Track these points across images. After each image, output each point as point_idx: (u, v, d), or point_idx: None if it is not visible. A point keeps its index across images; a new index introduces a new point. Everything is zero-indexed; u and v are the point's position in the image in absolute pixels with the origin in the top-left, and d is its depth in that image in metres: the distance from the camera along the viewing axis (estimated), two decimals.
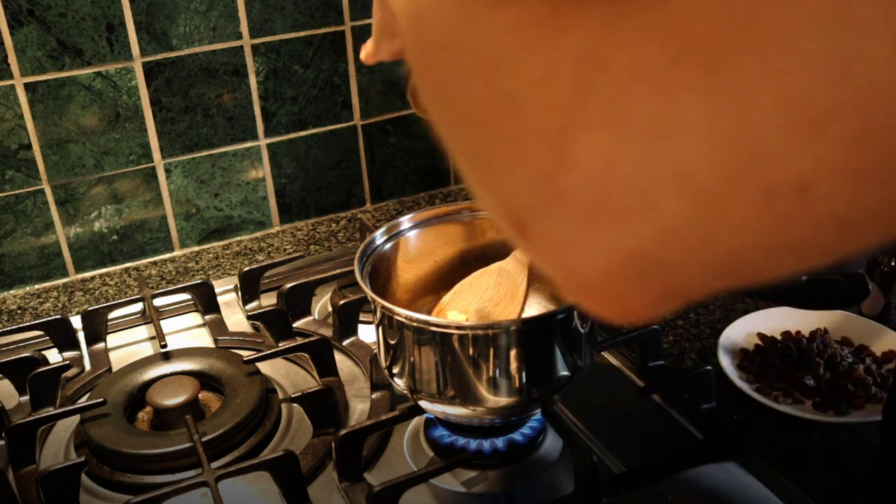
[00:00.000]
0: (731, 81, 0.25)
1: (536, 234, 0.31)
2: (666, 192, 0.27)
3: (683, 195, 0.27)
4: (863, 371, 0.81)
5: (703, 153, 0.26)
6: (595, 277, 0.30)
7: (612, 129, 0.27)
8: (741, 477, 0.74)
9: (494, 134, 0.32)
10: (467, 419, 0.74)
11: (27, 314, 1.07)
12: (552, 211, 0.29)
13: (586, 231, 0.29)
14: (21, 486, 0.77)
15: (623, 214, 0.28)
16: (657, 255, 0.28)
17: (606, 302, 0.31)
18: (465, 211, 0.83)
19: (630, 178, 0.27)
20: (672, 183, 0.27)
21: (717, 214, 0.27)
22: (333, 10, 1.16)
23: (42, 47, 1.02)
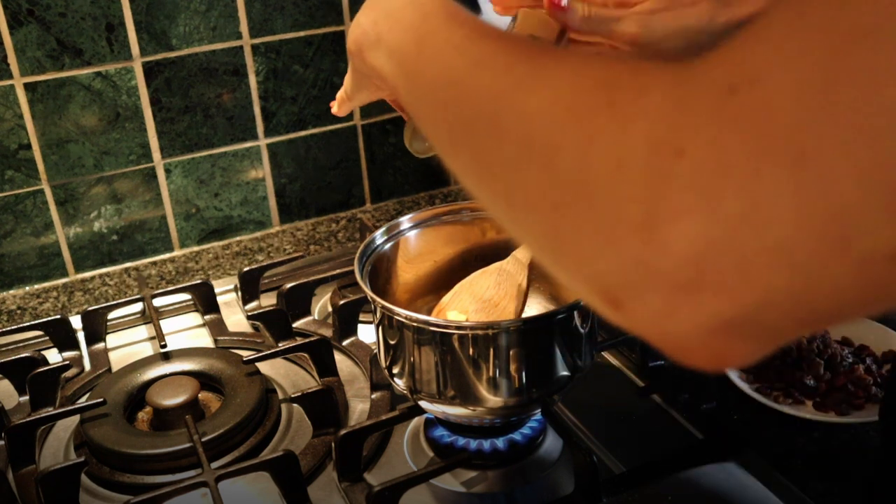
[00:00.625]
0: (819, 174, 0.27)
1: (631, 310, 0.33)
2: (760, 267, 0.29)
3: (778, 269, 0.28)
4: (863, 371, 0.81)
5: (795, 235, 0.28)
6: (693, 341, 0.32)
7: (702, 217, 0.29)
8: (741, 477, 0.74)
9: (572, 221, 0.34)
10: (467, 419, 0.74)
11: (27, 314, 1.07)
12: (647, 289, 0.31)
13: (683, 304, 0.31)
14: (21, 486, 0.77)
15: (718, 288, 0.30)
16: (754, 319, 0.30)
17: (705, 358, 0.33)
18: (465, 211, 0.83)
19: (723, 258, 0.29)
20: (766, 260, 0.28)
21: (811, 283, 0.29)
22: (333, 10, 1.16)
23: (42, 47, 1.02)
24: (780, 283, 0.29)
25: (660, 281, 0.31)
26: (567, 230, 0.34)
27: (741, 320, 0.30)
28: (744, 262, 0.29)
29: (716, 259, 0.29)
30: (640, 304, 0.32)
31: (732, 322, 0.30)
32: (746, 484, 0.73)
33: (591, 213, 0.33)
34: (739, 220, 0.28)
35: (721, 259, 0.29)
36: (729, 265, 0.29)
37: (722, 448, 0.76)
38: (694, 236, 0.29)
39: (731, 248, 0.29)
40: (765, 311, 0.30)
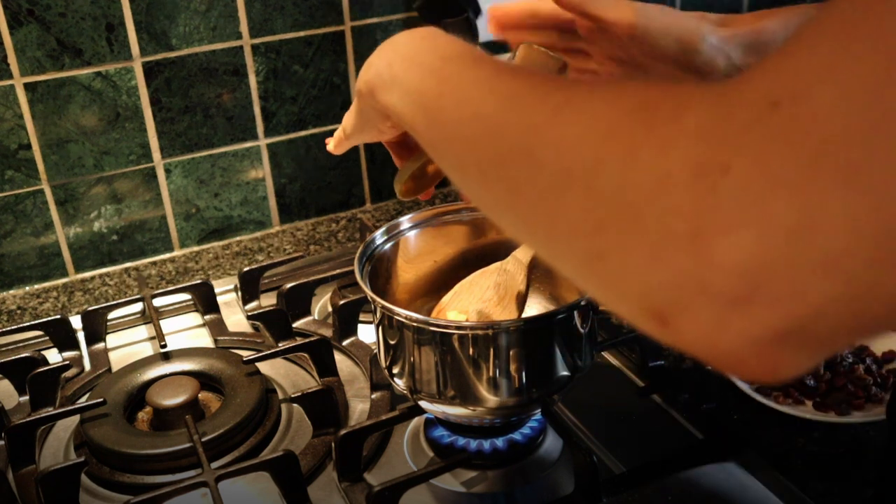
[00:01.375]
0: (869, 186, 0.27)
1: (680, 325, 0.33)
2: (813, 279, 0.29)
3: (830, 280, 0.29)
4: (863, 371, 0.81)
5: (848, 245, 0.28)
6: (745, 354, 0.32)
7: (754, 229, 0.29)
8: (741, 477, 0.74)
9: (619, 240, 0.34)
10: (467, 419, 0.74)
11: (27, 314, 1.07)
12: (697, 304, 0.31)
13: (735, 318, 0.31)
14: (21, 486, 0.77)
15: (772, 301, 0.30)
16: (807, 329, 0.30)
17: (757, 371, 0.33)
18: (465, 211, 0.83)
19: (776, 270, 0.29)
20: (818, 271, 0.29)
21: (864, 292, 0.29)
22: (333, 10, 1.16)
23: (42, 47, 1.02)
24: (834, 293, 0.29)
25: (710, 295, 0.31)
26: (612, 249, 0.34)
27: (794, 332, 0.30)
28: (797, 274, 0.29)
29: (768, 272, 0.29)
30: (689, 320, 0.32)
31: (785, 334, 0.30)
32: (746, 484, 0.73)
33: (636, 230, 0.33)
34: (792, 232, 0.29)
35: (774, 271, 0.29)
36: (782, 277, 0.29)
37: (722, 448, 0.76)
38: (745, 249, 0.29)
39: (784, 260, 0.29)
40: (818, 321, 0.30)
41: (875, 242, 0.28)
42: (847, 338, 0.33)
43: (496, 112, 0.42)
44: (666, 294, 0.32)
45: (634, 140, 0.33)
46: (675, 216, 0.31)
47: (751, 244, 0.29)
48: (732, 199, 0.30)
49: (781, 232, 0.29)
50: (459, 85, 0.46)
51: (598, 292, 0.37)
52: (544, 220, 0.38)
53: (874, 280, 0.28)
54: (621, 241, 0.34)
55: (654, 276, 0.32)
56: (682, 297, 0.32)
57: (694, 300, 0.31)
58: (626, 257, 0.33)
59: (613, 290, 0.36)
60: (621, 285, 0.35)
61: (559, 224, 0.37)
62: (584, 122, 0.36)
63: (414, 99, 0.50)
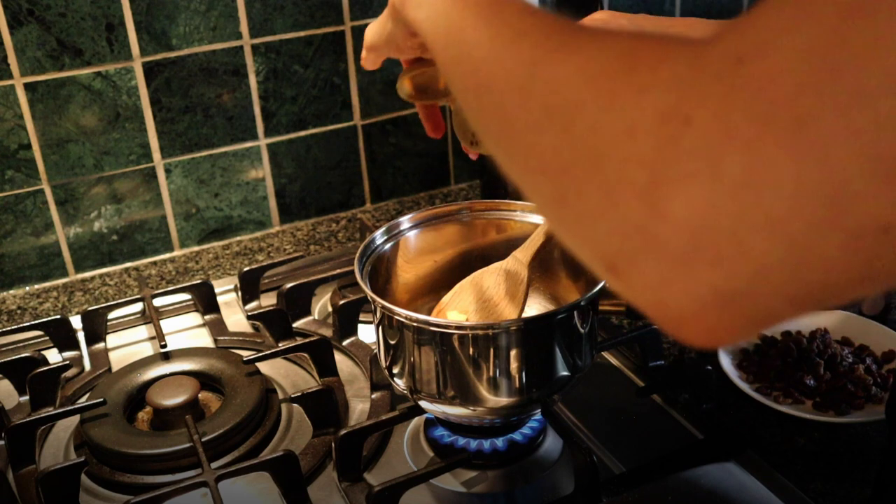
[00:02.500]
0: (816, 139, 0.27)
1: (629, 276, 0.33)
2: (756, 238, 0.29)
3: (773, 240, 0.29)
4: (863, 371, 0.81)
5: (792, 203, 0.28)
6: (687, 312, 0.32)
7: (704, 183, 0.29)
8: (741, 477, 0.74)
9: (578, 183, 0.34)
10: (467, 419, 0.74)
11: (27, 314, 1.07)
12: (645, 256, 0.32)
13: (679, 274, 0.31)
14: (21, 486, 0.77)
15: (715, 259, 0.30)
16: (747, 291, 0.30)
17: (697, 332, 0.33)
18: (465, 211, 0.83)
19: (722, 227, 0.29)
20: (762, 230, 0.29)
21: (805, 255, 0.29)
22: (333, 10, 1.16)
23: (42, 47, 1.02)
24: (775, 254, 0.29)
25: (657, 249, 0.31)
26: (572, 193, 0.35)
27: (735, 293, 0.31)
28: (740, 231, 0.29)
29: (713, 227, 0.30)
30: (637, 272, 0.32)
31: (726, 295, 0.31)
32: (746, 484, 0.73)
33: (597, 176, 0.33)
34: (738, 186, 0.29)
35: (718, 227, 0.29)
36: (725, 234, 0.29)
37: (722, 448, 0.76)
38: (693, 203, 0.30)
39: (729, 215, 0.29)
40: (758, 284, 0.30)
41: (818, 203, 0.28)
42: (784, 308, 0.32)
43: (504, 44, 0.43)
44: (617, 243, 0.33)
45: (614, 86, 0.33)
46: (636, 164, 0.31)
47: (700, 199, 0.29)
48: (689, 152, 0.30)
49: (729, 188, 0.29)
50: (480, 13, 0.47)
51: (563, 237, 0.38)
52: (522, 154, 0.39)
53: (814, 243, 0.28)
54: (581, 185, 0.34)
55: (607, 224, 0.33)
56: (631, 248, 0.32)
57: (642, 253, 0.32)
58: (584, 202, 0.34)
59: (573, 235, 0.36)
60: (579, 230, 0.35)
61: (532, 161, 0.38)
62: (574, 64, 0.36)
63: (439, 19, 0.51)
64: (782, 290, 0.30)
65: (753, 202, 0.29)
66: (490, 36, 0.45)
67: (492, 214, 0.83)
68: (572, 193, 0.35)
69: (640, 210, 0.31)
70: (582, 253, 0.36)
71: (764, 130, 0.28)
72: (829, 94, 0.27)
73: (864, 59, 0.27)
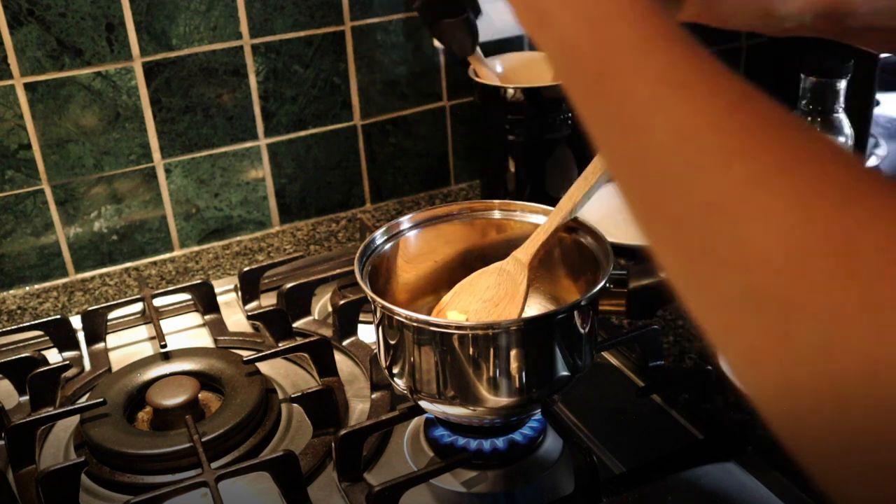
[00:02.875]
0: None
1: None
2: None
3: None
4: None
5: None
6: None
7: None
8: (741, 477, 0.74)
9: (793, 324, 0.31)
10: (467, 419, 0.74)
11: (27, 314, 1.07)
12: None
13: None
14: (21, 486, 0.77)
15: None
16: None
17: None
18: (465, 211, 0.83)
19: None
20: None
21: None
22: (333, 10, 1.16)
23: (42, 47, 1.02)
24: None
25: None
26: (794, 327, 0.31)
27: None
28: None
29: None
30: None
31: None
32: (746, 484, 0.73)
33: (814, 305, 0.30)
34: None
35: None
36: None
37: (722, 448, 0.76)
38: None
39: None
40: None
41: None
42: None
43: (659, 131, 0.35)
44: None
45: (812, 208, 0.30)
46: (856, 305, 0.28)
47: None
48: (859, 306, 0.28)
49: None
50: (619, 65, 0.38)
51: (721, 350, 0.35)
52: (706, 290, 0.35)
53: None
54: (797, 325, 0.30)
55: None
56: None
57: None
58: (803, 339, 0.31)
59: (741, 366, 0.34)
60: (748, 364, 0.33)
61: (719, 299, 0.34)
62: (777, 196, 0.32)
63: (563, 51, 0.42)
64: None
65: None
66: (678, 125, 0.35)
67: (492, 214, 0.83)
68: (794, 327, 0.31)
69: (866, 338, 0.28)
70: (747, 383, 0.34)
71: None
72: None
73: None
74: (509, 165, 1.19)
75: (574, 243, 0.78)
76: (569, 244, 0.78)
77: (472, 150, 1.32)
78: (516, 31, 1.25)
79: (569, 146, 1.15)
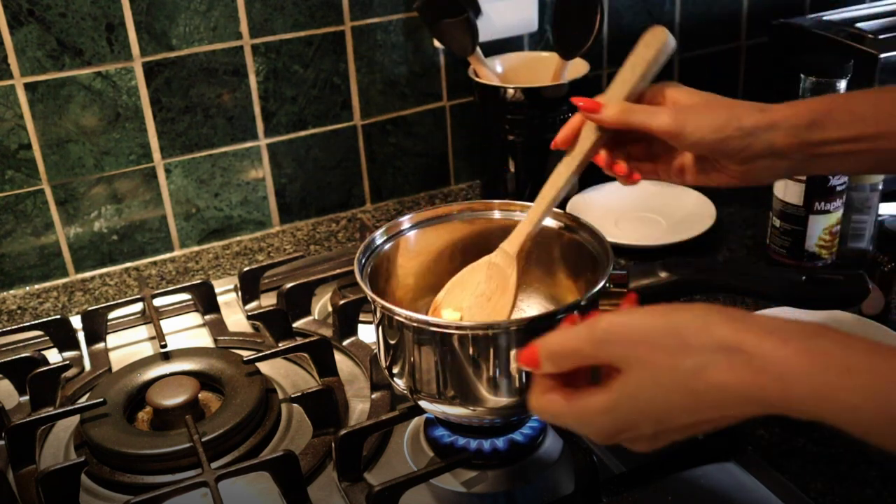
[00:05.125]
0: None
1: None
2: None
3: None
4: None
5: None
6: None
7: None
8: (741, 477, 0.74)
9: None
10: (467, 419, 0.74)
11: (27, 314, 1.07)
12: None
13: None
14: (21, 486, 0.77)
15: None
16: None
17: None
18: (466, 211, 0.83)
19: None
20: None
21: None
22: (333, 10, 1.16)
23: (42, 47, 1.02)
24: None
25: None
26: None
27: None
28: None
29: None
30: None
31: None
32: (746, 484, 0.73)
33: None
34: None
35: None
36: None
37: (722, 448, 0.76)
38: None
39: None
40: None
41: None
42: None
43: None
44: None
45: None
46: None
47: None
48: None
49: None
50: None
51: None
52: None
53: None
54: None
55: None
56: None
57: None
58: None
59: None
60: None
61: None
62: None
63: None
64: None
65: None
66: None
67: (492, 214, 0.83)
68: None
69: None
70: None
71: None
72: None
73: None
74: (509, 165, 1.19)
75: (574, 243, 0.78)
76: (569, 244, 0.78)
77: (472, 150, 1.32)
78: (516, 31, 1.25)
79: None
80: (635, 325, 0.51)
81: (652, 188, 1.23)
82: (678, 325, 0.50)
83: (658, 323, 0.50)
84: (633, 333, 0.51)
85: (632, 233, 1.14)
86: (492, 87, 1.13)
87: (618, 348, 0.51)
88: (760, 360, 0.46)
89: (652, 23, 1.38)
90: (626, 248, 1.07)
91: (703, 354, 0.48)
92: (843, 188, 0.98)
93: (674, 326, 0.50)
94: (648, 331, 0.50)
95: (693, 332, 0.49)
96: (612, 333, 0.51)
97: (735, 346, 0.47)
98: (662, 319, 0.50)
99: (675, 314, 0.50)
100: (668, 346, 0.49)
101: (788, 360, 0.46)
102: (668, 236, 1.10)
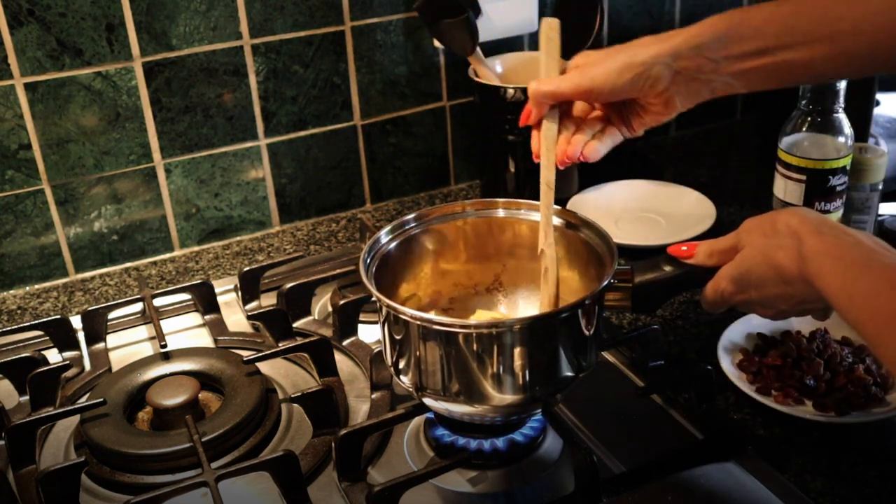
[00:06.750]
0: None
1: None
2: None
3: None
4: (863, 371, 0.81)
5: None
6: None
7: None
8: (741, 477, 0.74)
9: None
10: (470, 416, 0.74)
11: (27, 314, 1.07)
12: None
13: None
14: (21, 486, 0.77)
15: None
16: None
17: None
18: (469, 210, 0.83)
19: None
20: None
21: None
22: (333, 10, 1.16)
23: (42, 47, 1.02)
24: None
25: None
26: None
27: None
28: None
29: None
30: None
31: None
32: (746, 484, 0.73)
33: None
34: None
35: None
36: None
37: (722, 448, 0.76)
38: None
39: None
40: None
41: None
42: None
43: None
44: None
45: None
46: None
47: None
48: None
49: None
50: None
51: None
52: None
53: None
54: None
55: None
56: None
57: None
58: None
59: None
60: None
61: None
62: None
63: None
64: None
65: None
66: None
67: (496, 213, 0.83)
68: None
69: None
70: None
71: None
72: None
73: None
74: (509, 165, 1.19)
75: (578, 241, 0.78)
76: (573, 242, 0.78)
77: (472, 150, 1.32)
78: (516, 31, 1.25)
79: None
80: (750, 219, 0.69)
81: (652, 188, 1.23)
82: (774, 215, 0.66)
83: (764, 217, 0.68)
84: (747, 223, 0.69)
85: (632, 233, 1.14)
86: (492, 87, 1.13)
87: (741, 234, 0.69)
88: (807, 248, 0.61)
89: (652, 23, 1.38)
90: (626, 248, 1.07)
91: (779, 238, 0.64)
92: (843, 188, 0.98)
93: (770, 217, 0.67)
94: (756, 221, 0.68)
95: (782, 220, 0.65)
96: (741, 228, 0.69)
97: (797, 235, 0.62)
98: (768, 215, 0.67)
99: (775, 212, 0.67)
100: (764, 230, 0.66)
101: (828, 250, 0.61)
102: (668, 236, 1.10)
